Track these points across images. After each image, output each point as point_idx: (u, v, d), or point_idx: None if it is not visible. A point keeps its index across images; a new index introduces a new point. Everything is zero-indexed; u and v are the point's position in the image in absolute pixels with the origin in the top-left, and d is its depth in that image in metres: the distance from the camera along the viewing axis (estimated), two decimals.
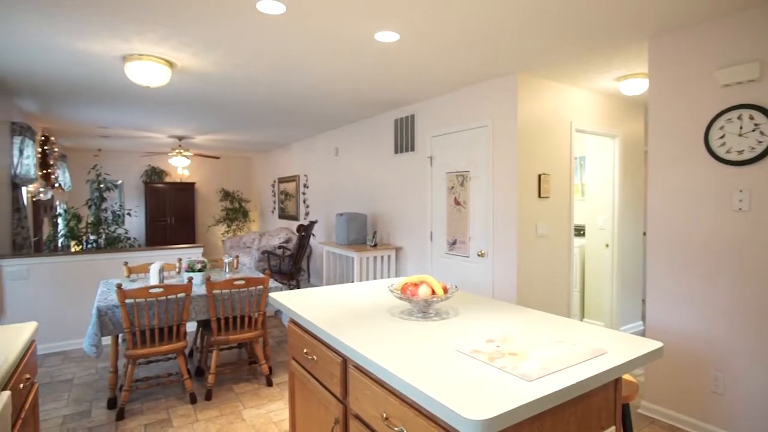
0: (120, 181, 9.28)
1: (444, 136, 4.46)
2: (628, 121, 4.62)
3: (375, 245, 5.09)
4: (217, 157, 8.02)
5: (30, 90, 4.23)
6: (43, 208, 6.04)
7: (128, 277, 3.71)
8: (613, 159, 4.56)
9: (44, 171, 6.14)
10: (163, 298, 2.96)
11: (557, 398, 1.15)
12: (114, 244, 4.90)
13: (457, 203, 4.29)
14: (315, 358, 1.85)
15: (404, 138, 5.02)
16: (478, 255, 4.03)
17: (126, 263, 3.74)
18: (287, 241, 7.61)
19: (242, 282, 3.17)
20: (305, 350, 1.95)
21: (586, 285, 4.89)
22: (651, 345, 1.50)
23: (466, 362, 1.34)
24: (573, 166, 4.14)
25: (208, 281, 3.07)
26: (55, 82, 3.95)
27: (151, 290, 2.86)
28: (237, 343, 3.83)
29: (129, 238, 5.16)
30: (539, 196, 3.86)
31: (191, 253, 4.75)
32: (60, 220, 4.85)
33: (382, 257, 5.06)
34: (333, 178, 6.76)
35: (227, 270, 3.69)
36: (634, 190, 4.70)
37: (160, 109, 5.15)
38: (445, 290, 1.92)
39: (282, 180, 8.80)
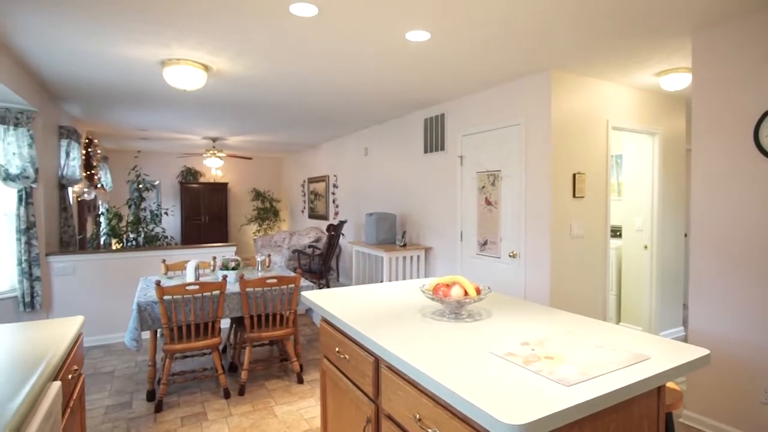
0: (158, 182, 9.63)
1: (475, 135, 4.40)
2: (668, 117, 4.43)
3: (404, 245, 5.08)
4: (250, 158, 8.20)
5: (75, 95, 4.44)
6: (87, 208, 6.34)
7: (166, 273, 3.84)
8: (653, 157, 4.39)
9: (88, 172, 6.44)
10: (199, 295, 3.05)
11: (597, 404, 1.12)
12: (152, 242, 5.09)
13: (488, 203, 4.23)
14: (347, 357, 1.86)
15: (434, 137, 4.99)
16: (510, 256, 3.96)
17: (164, 261, 3.88)
18: (317, 240, 7.70)
19: (274, 280, 3.23)
20: (337, 349, 1.96)
21: (622, 288, 4.72)
22: (697, 352, 1.43)
23: (500, 365, 1.32)
24: (609, 165, 4.01)
25: (241, 279, 3.14)
26: (98, 87, 4.13)
27: (187, 287, 2.95)
28: (269, 340, 3.90)
29: (166, 237, 5.35)
30: (574, 195, 3.75)
31: (225, 252, 4.87)
32: (102, 219, 5.07)
33: (411, 257, 5.05)
34: (362, 178, 6.79)
35: (259, 268, 3.76)
36: (675, 190, 4.51)
37: (195, 112, 5.31)
38: (478, 291, 1.90)
39: (312, 180, 8.92)
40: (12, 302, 3.88)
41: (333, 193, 7.91)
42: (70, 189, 5.36)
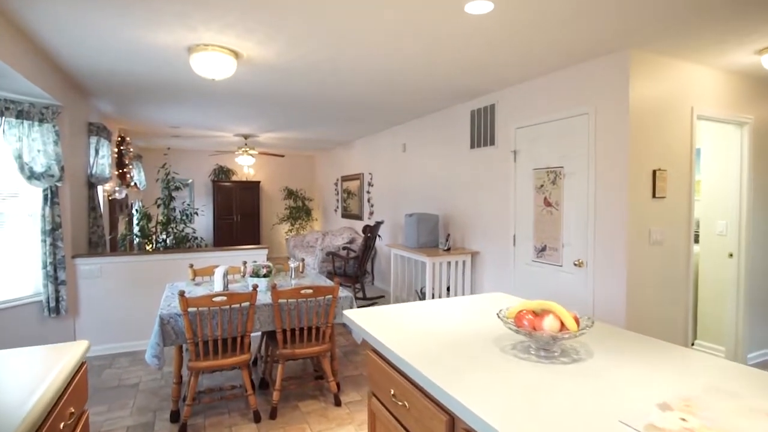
0: (191, 180, 9.54)
1: (531, 127, 3.91)
2: (764, 104, 3.81)
3: (448, 249, 4.64)
4: (282, 155, 7.95)
5: (103, 89, 4.23)
6: (119, 207, 6.21)
7: (193, 279, 3.56)
8: (741, 151, 3.78)
9: (120, 170, 6.32)
10: (227, 306, 2.72)
11: None
12: (182, 243, 4.88)
13: (548, 204, 3.73)
14: (406, 404, 1.46)
15: (482, 131, 4.52)
16: (575, 264, 3.46)
17: (191, 265, 3.59)
18: (351, 241, 7.35)
19: (310, 291, 2.87)
20: (392, 392, 1.56)
21: (699, 301, 4.12)
22: None
23: None
24: (694, 160, 3.44)
25: (273, 290, 2.80)
26: (125, 80, 3.89)
27: (214, 299, 2.62)
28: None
29: (196, 238, 5.13)
30: (654, 196, 3.22)
31: (256, 255, 4.58)
32: (135, 219, 4.89)
33: (456, 263, 4.60)
34: (399, 176, 6.38)
35: (293, 275, 3.42)
36: None
37: (226, 107, 5.04)
38: (577, 322, 1.45)
39: (345, 178, 8.58)
40: (36, 307, 3.69)
41: (368, 192, 7.54)
42: (100, 188, 5.20)
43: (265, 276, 3.18)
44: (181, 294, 2.56)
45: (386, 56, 3.26)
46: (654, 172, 3.21)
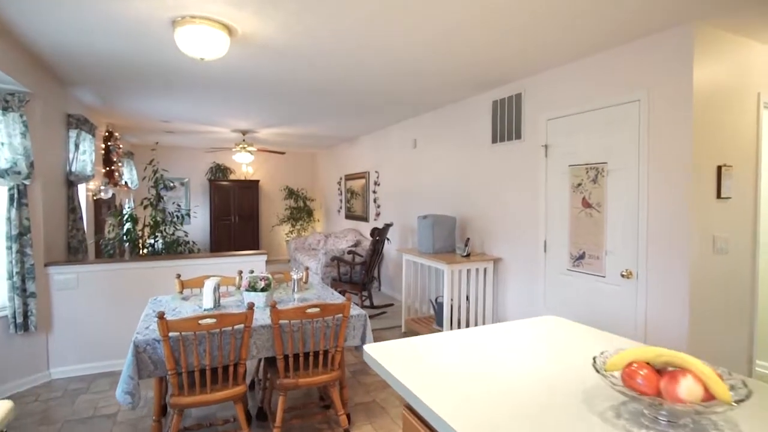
0: (186, 179, 9.07)
1: (566, 118, 3.44)
2: None
3: (468, 255, 4.17)
4: (283, 152, 7.49)
5: (82, 76, 3.76)
6: (106, 207, 5.74)
7: (181, 292, 3.08)
8: None
9: (108, 168, 5.85)
10: (217, 330, 2.25)
11: None
12: (172, 248, 4.41)
13: (587, 205, 3.26)
14: None
15: (506, 123, 4.05)
16: (622, 276, 2.99)
17: (178, 276, 3.12)
18: (356, 244, 6.88)
19: (317, 310, 2.40)
20: None
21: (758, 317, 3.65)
22: None
23: None
24: (761, 155, 2.98)
25: (273, 309, 2.32)
26: (104, 64, 3.42)
27: (201, 322, 2.15)
28: None
29: (188, 242, 4.66)
30: (718, 196, 2.75)
31: (253, 261, 4.10)
32: (126, 221, 4.41)
33: (477, 270, 4.13)
34: (409, 175, 5.91)
35: (296, 288, 2.95)
36: None
37: (221, 97, 4.56)
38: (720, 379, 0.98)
39: (349, 177, 8.11)
40: (2, 323, 3.22)
41: (374, 192, 7.06)
42: (81, 187, 4.73)
43: (263, 290, 2.71)
44: (160, 316, 2.09)
45: (403, 39, 2.78)
46: (719, 168, 2.74)
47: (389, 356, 1.48)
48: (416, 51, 3.12)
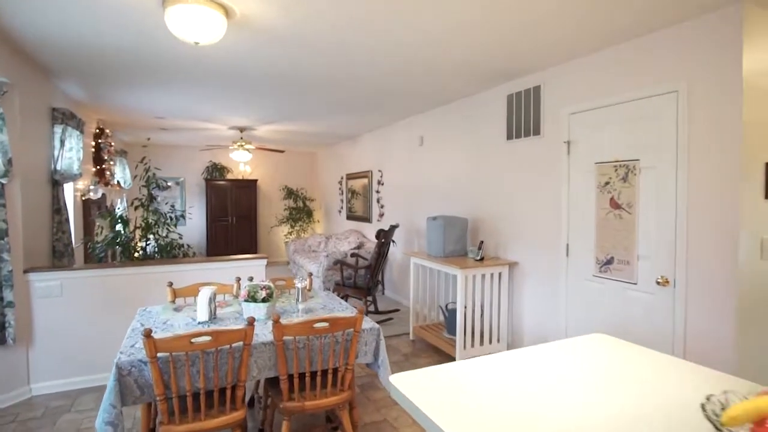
0: (182, 179, 8.78)
1: (592, 112, 3.18)
2: None
3: (481, 259, 3.91)
4: (282, 151, 7.21)
5: (67, 67, 3.48)
6: (96, 208, 5.44)
7: (173, 302, 2.81)
8: None
9: (98, 167, 5.56)
10: (213, 349, 1.98)
11: None
12: (166, 251, 4.13)
13: (616, 206, 3.00)
14: None
15: (523, 118, 3.79)
16: (658, 283, 2.73)
17: (170, 284, 2.84)
18: (359, 246, 6.61)
19: (325, 325, 2.13)
20: None
21: None
22: None
23: None
24: None
25: (276, 324, 2.05)
26: (89, 52, 3.14)
27: (194, 340, 1.88)
28: None
29: (182, 245, 4.37)
30: (767, 196, 2.49)
31: (252, 267, 3.83)
32: (116, 222, 4.11)
33: (492, 275, 3.86)
34: (415, 173, 5.64)
35: (300, 298, 2.67)
36: None
37: (218, 91, 4.28)
38: None
39: (351, 176, 7.83)
40: None
41: (377, 191, 6.79)
42: (69, 186, 4.45)
43: (264, 300, 2.44)
44: (147, 335, 1.81)
45: (417, 25, 2.51)
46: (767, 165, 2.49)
47: (421, 390, 1.21)
48: (430, 40, 2.85)
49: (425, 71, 3.61)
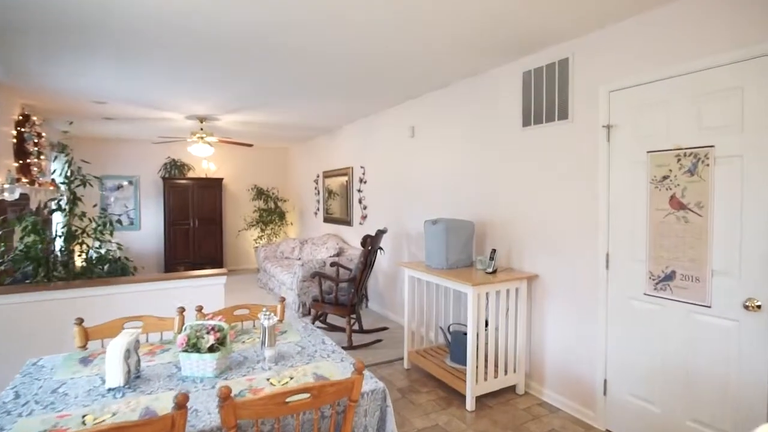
0: (136, 176, 7.76)
1: (643, 87, 2.51)
2: None
3: (494, 271, 3.20)
4: (250, 145, 6.35)
5: None
6: (20, 210, 4.45)
7: (84, 347, 1.96)
8: None
9: (21, 161, 4.57)
10: None
11: None
12: (95, 268, 3.22)
13: (680, 206, 2.34)
14: None
15: (545, 100, 3.10)
16: (746, 307, 2.08)
17: (80, 321, 1.99)
18: (338, 253, 5.82)
19: (305, 398, 1.35)
20: None
21: None
22: None
23: None
24: None
25: (224, 402, 1.26)
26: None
27: None
28: None
29: (118, 259, 3.44)
30: None
31: (205, 286, 3.00)
32: (26, 232, 3.15)
33: (507, 291, 3.16)
34: (405, 169, 4.90)
35: (266, 341, 1.86)
36: None
37: (165, 64, 3.41)
38: None
39: (328, 174, 7.03)
40: None
41: (359, 191, 6.01)
42: None
43: (211, 350, 1.63)
44: None
45: None
46: None
47: None
48: (425, 6, 2.11)
49: (422, 41, 2.86)
